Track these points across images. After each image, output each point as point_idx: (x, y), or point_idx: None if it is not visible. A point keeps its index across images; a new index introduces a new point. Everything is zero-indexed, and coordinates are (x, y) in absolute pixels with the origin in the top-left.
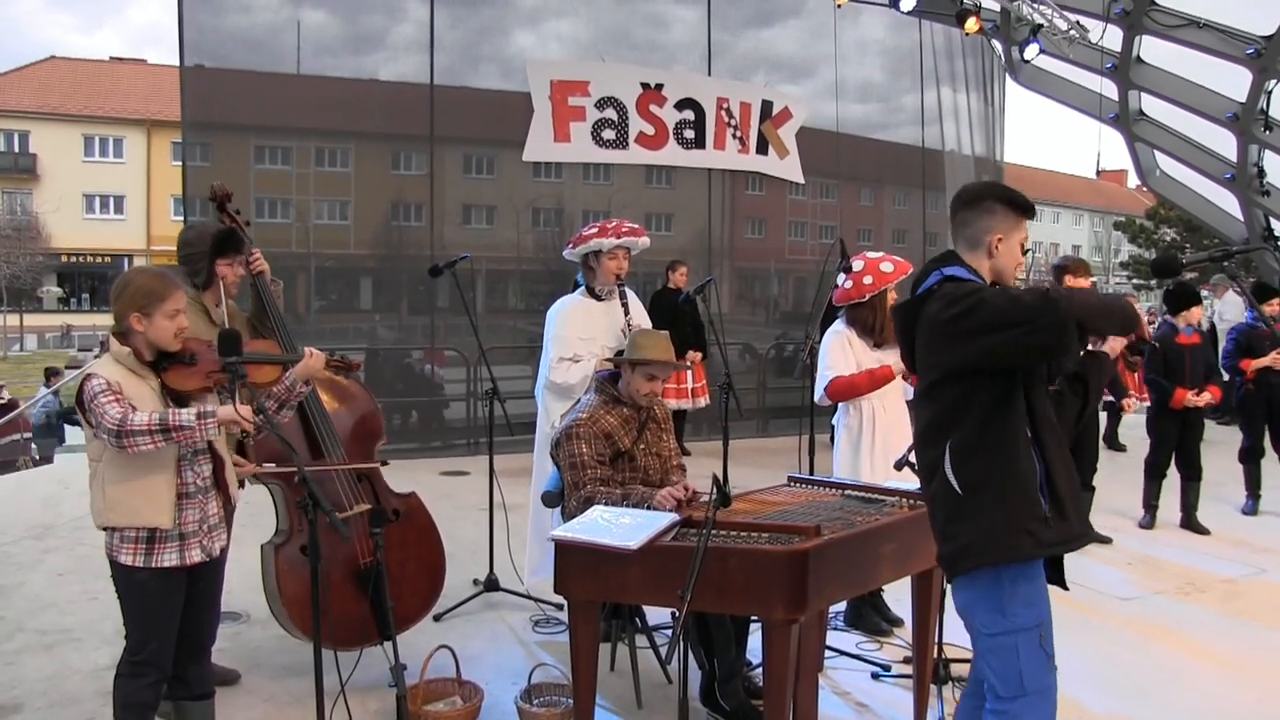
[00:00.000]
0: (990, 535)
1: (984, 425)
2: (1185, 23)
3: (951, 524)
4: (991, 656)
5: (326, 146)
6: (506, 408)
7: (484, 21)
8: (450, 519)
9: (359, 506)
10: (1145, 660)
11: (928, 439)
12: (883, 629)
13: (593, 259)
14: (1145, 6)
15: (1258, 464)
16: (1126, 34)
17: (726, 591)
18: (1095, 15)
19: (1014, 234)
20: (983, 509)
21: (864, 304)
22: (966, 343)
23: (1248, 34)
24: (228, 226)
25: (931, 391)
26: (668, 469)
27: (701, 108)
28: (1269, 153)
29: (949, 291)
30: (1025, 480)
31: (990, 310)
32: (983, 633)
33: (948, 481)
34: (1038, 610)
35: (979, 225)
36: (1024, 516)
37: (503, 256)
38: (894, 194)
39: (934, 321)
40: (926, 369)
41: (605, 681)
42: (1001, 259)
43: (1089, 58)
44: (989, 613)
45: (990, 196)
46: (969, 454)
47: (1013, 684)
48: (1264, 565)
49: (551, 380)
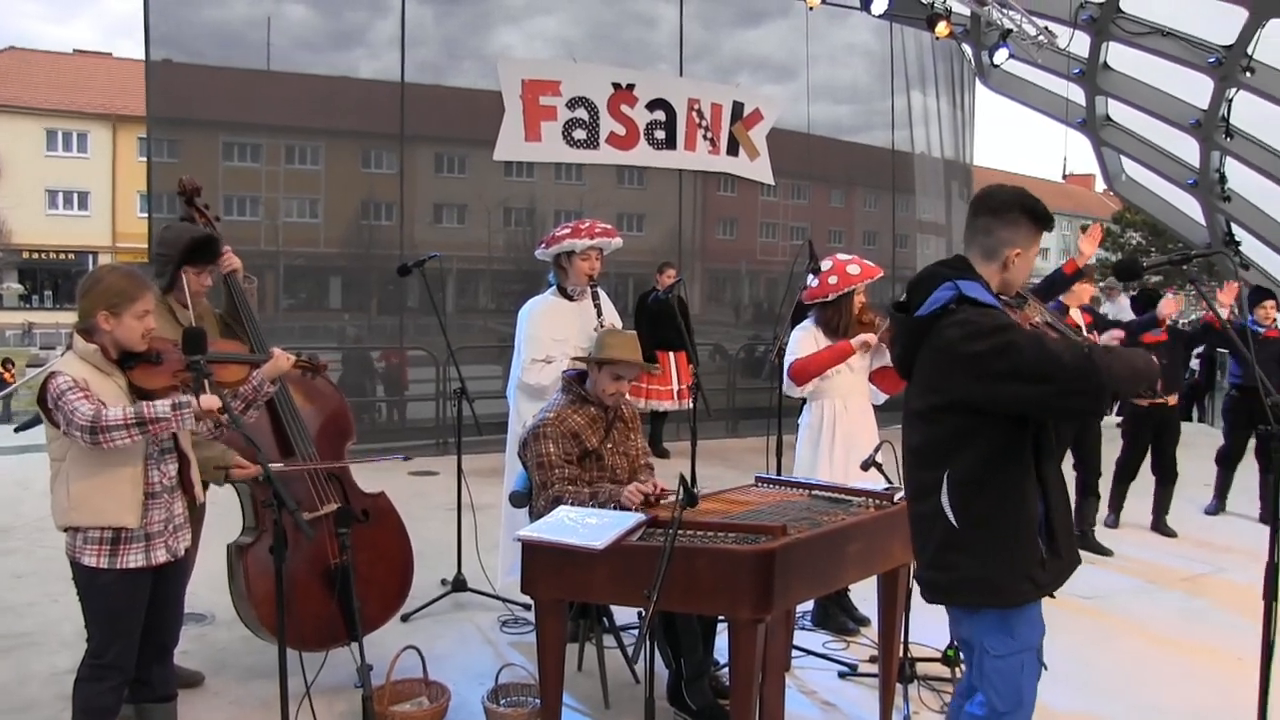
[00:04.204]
0: (990, 578)
1: (989, 462)
2: (1150, 30)
3: (946, 553)
4: (996, 675)
5: (297, 144)
6: (477, 407)
7: (468, 18)
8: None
9: (328, 506)
10: (1109, 657)
11: (923, 459)
12: (849, 628)
13: (565, 259)
14: (1112, 14)
15: (1233, 469)
16: (1094, 40)
17: (693, 591)
18: (1063, 21)
19: (1031, 248)
20: (982, 548)
21: (830, 304)
22: (989, 385)
23: (1209, 43)
24: (205, 234)
25: (933, 415)
26: (635, 468)
27: (673, 108)
28: (1230, 159)
29: (973, 320)
30: (1028, 524)
31: (1023, 360)
32: (990, 654)
33: (943, 510)
34: (1039, 629)
35: (1000, 236)
36: (1024, 562)
37: (474, 256)
38: (865, 196)
39: (952, 349)
40: (930, 391)
41: (573, 681)
42: (1015, 272)
43: (1057, 63)
44: (998, 636)
45: (1017, 208)
46: (972, 489)
47: (1012, 699)
48: (1224, 564)
49: (524, 381)
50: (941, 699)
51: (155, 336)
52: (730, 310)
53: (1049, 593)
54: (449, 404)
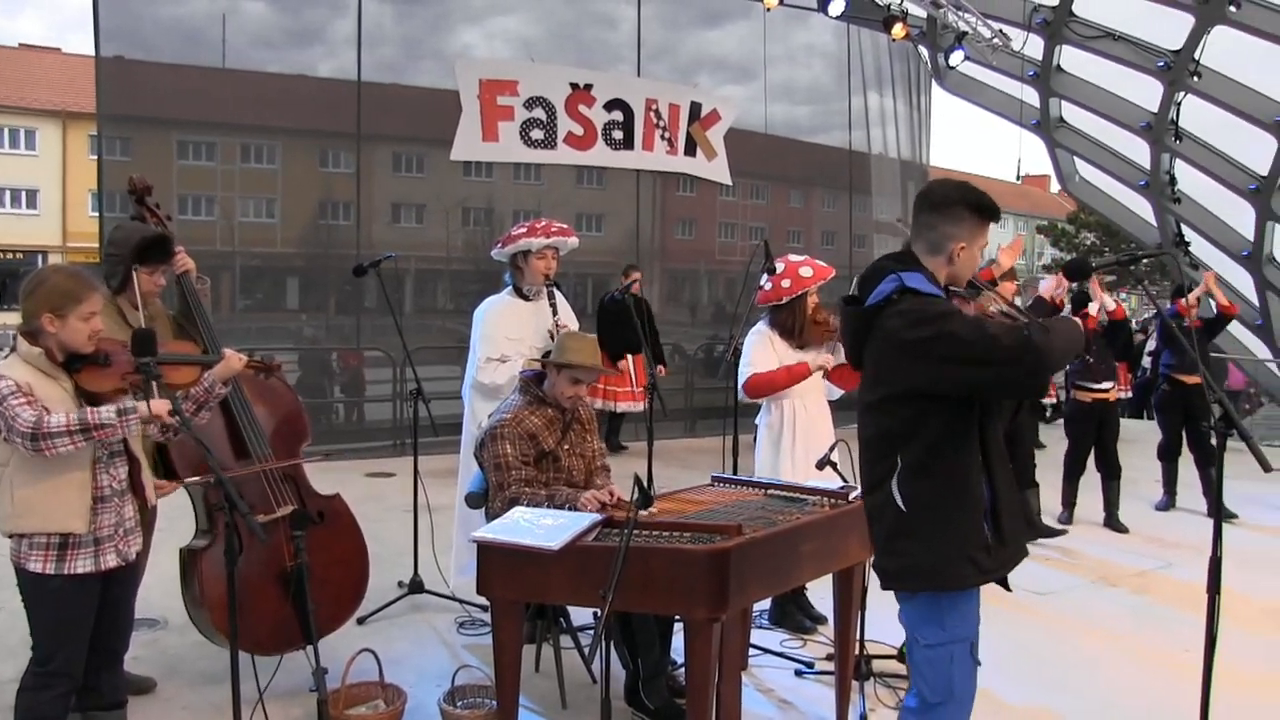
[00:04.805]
0: (934, 561)
1: (936, 448)
2: (1101, 34)
3: (895, 540)
4: (926, 666)
5: (253, 142)
6: (436, 408)
7: (428, 17)
8: (376, 521)
9: (283, 508)
10: (1061, 651)
11: (875, 450)
12: (806, 627)
13: (521, 259)
14: (1065, 17)
15: (1175, 462)
16: (1047, 43)
17: (649, 591)
18: (1017, 24)
19: (977, 241)
20: (928, 532)
21: (783, 306)
22: (932, 369)
23: (1158, 47)
24: (156, 233)
25: (884, 405)
26: (592, 469)
27: (630, 109)
28: (1180, 161)
29: (913, 309)
30: (973, 508)
31: (961, 343)
32: (921, 643)
33: (893, 498)
34: (972, 622)
35: (944, 231)
36: (969, 545)
37: (432, 256)
38: (823, 196)
39: (895, 338)
40: (878, 382)
41: (530, 682)
42: (961, 266)
43: (1011, 65)
44: (928, 625)
45: (960, 202)
46: (919, 475)
47: (942, 690)
48: (1173, 559)
49: (479, 380)
50: (897, 695)
51: (104, 338)
52: (689, 310)
53: (992, 578)
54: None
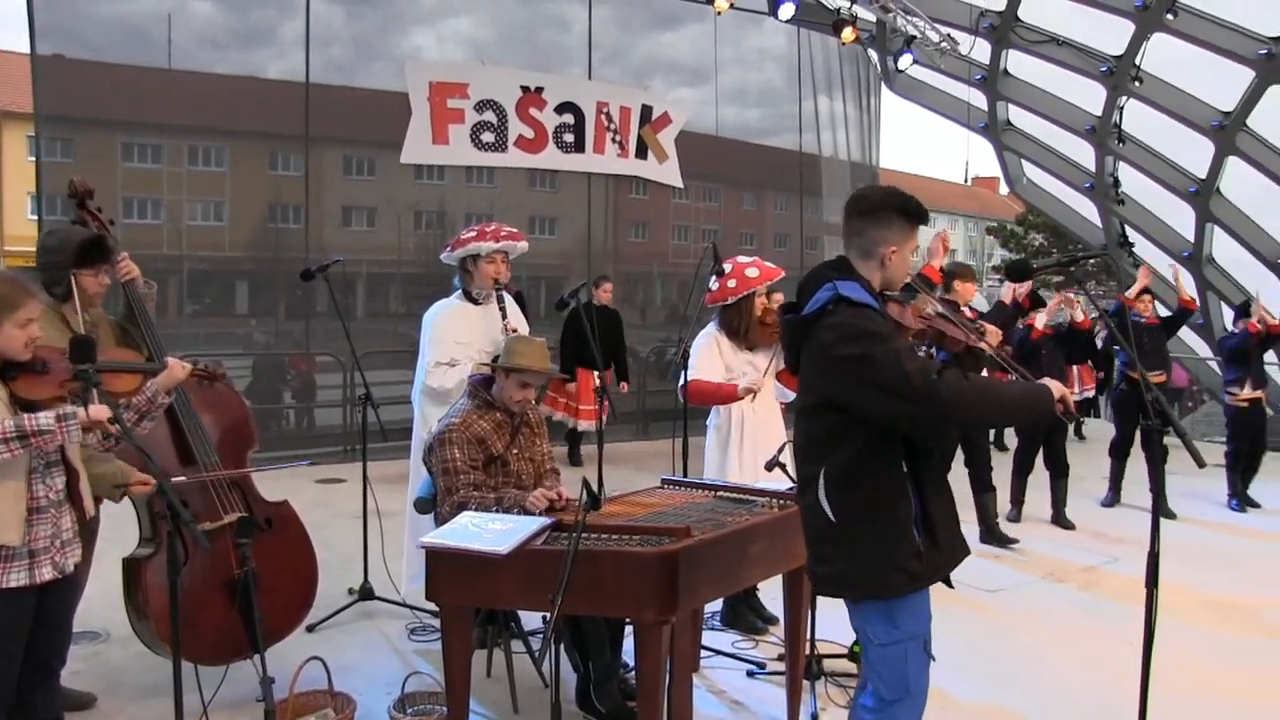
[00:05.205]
0: (864, 571)
1: (860, 458)
2: (1047, 39)
3: (823, 545)
4: (881, 664)
5: (200, 144)
6: (389, 413)
7: (380, 18)
8: (326, 527)
9: (230, 516)
10: (1010, 648)
11: (806, 455)
12: (758, 627)
13: (470, 263)
14: (1011, 22)
15: (1124, 460)
16: (994, 48)
17: (598, 594)
18: (965, 29)
19: (907, 245)
20: (856, 541)
21: (731, 307)
22: (849, 388)
23: (1101, 52)
24: (93, 234)
25: (812, 411)
26: (541, 473)
27: (581, 111)
28: (1123, 164)
29: (845, 323)
30: (900, 517)
31: (877, 372)
32: (875, 643)
33: (821, 505)
34: (923, 619)
35: (874, 235)
36: (898, 553)
37: (384, 260)
38: (776, 199)
39: (825, 350)
40: (808, 389)
41: (482, 687)
42: (893, 270)
43: (959, 69)
44: (881, 625)
45: (888, 206)
46: (844, 485)
47: (899, 687)
48: (1118, 554)
49: (428, 385)
50: (848, 694)
51: (42, 345)
52: (642, 313)
53: (926, 584)
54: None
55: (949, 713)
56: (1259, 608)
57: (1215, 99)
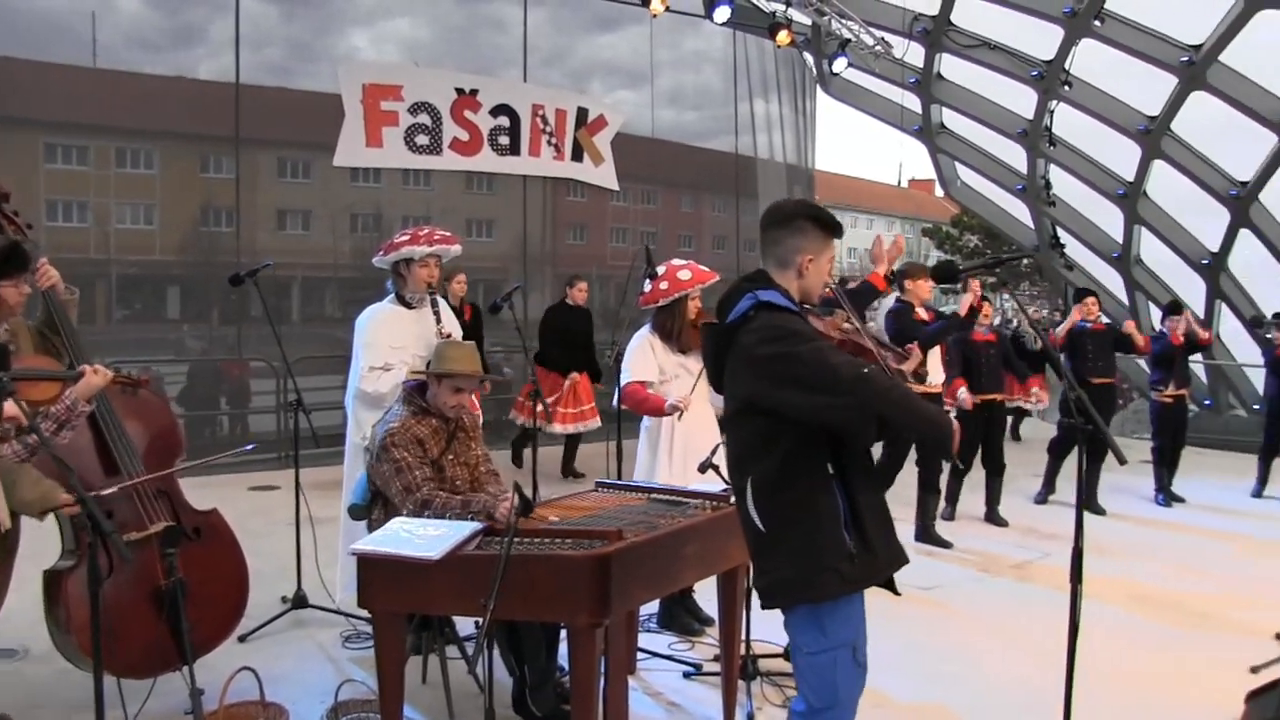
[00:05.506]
0: (796, 575)
1: (785, 464)
2: (979, 43)
3: (758, 558)
4: (810, 673)
5: (129, 146)
6: (326, 418)
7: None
8: (259, 535)
9: (156, 525)
10: (945, 644)
11: (734, 465)
12: (694, 629)
13: (403, 267)
14: (944, 26)
15: (1062, 459)
16: (928, 51)
17: (531, 598)
18: (899, 32)
19: (824, 254)
20: (786, 548)
21: (664, 309)
22: (772, 388)
23: (1032, 57)
24: (8, 243)
25: (737, 419)
26: (477, 477)
27: (516, 114)
28: (1054, 166)
29: (767, 325)
30: (828, 520)
31: (802, 367)
32: (804, 651)
33: (750, 516)
34: (854, 627)
35: (790, 245)
36: (829, 556)
37: (320, 263)
38: (714, 201)
39: (747, 354)
40: (732, 397)
41: (418, 694)
42: (810, 279)
43: (894, 72)
44: (809, 633)
45: (801, 215)
46: (770, 492)
47: (827, 695)
48: (1049, 549)
49: (362, 390)
50: (784, 694)
51: None
52: None
53: (861, 587)
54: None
55: (884, 711)
56: (1182, 598)
57: (1142, 104)
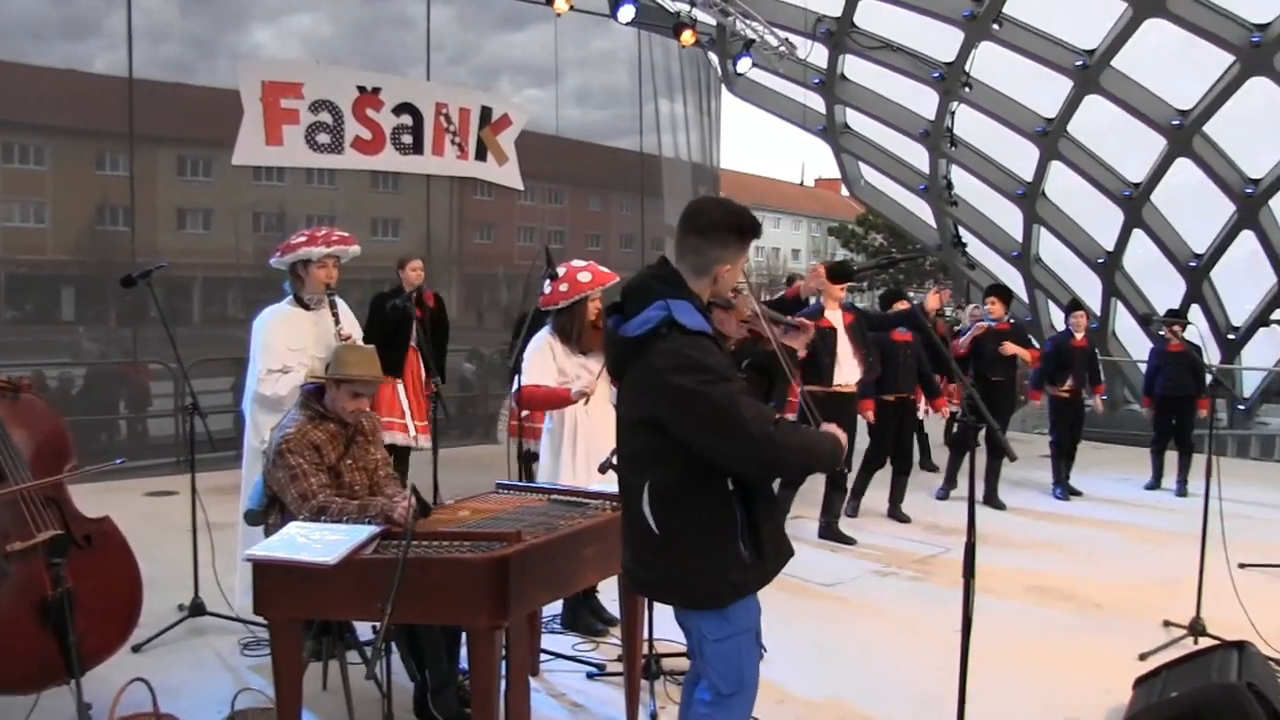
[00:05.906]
0: (687, 583)
1: (685, 476)
2: (882, 45)
3: (648, 555)
4: (717, 660)
5: (18, 141)
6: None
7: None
8: (156, 542)
9: (43, 534)
10: (846, 640)
11: (629, 466)
12: (598, 629)
13: (301, 268)
14: (847, 27)
15: (963, 456)
16: (831, 52)
17: (430, 602)
18: (803, 33)
19: (740, 260)
20: (681, 555)
21: (564, 311)
22: (676, 416)
23: (934, 59)
24: None
25: (639, 426)
26: (375, 481)
27: (419, 113)
28: (955, 167)
29: (681, 352)
30: (725, 532)
31: (711, 410)
32: (709, 639)
33: (644, 516)
34: (754, 612)
35: (710, 255)
36: (723, 566)
37: (222, 264)
38: (621, 200)
39: (658, 375)
40: (635, 405)
41: (318, 700)
42: (723, 284)
43: (798, 73)
44: (713, 621)
45: (725, 226)
46: (668, 501)
47: (735, 681)
48: (949, 544)
49: (260, 393)
50: None
51: None
52: (487, 315)
53: (750, 591)
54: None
55: (785, 708)
56: (1077, 588)
57: (1040, 106)
